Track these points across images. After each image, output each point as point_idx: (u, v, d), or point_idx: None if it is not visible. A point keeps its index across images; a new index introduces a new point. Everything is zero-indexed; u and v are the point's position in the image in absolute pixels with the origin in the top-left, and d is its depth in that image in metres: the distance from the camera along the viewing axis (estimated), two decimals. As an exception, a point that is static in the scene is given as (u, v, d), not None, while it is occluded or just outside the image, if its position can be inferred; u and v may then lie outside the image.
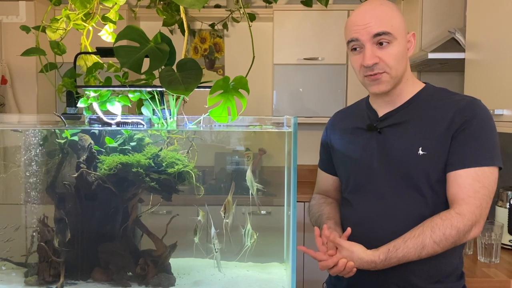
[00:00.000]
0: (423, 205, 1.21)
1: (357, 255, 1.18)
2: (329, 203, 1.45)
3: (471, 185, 1.16)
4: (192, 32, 3.53)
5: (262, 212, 1.92)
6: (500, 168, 1.19)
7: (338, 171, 1.43)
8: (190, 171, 1.33)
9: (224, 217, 1.36)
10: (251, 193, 1.44)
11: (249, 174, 1.45)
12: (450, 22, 2.53)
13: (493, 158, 1.18)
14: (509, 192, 1.82)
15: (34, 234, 1.36)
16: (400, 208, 1.23)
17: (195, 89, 1.23)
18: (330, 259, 1.19)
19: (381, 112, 1.31)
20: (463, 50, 2.06)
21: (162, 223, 1.41)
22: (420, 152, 1.20)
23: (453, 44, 2.14)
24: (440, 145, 1.19)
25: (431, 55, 2.11)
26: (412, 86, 1.29)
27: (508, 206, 1.81)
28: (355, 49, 1.24)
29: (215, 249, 1.35)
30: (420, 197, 1.21)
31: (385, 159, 1.26)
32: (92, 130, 1.37)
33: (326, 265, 1.19)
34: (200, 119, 1.33)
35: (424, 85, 1.31)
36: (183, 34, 2.98)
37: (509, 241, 1.82)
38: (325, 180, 1.50)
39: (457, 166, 1.17)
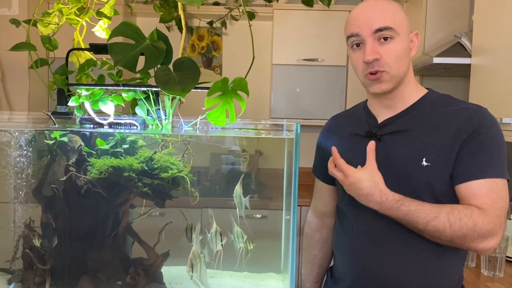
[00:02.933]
0: None
1: (379, 176, 1.13)
2: (311, 259, 1.49)
3: (486, 195, 1.09)
4: (190, 30, 3.47)
5: (257, 216, 1.87)
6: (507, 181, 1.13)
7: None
8: (185, 177, 1.27)
9: (191, 276, 1.25)
10: (238, 211, 1.35)
11: (238, 190, 1.36)
12: (454, 26, 2.48)
13: (503, 171, 1.12)
14: (514, 203, 1.77)
15: (20, 239, 1.29)
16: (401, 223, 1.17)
17: (192, 90, 1.17)
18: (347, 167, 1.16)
19: (380, 118, 1.24)
20: (469, 55, 2.01)
21: (154, 226, 1.35)
22: (424, 163, 1.13)
23: (458, 48, 2.09)
24: (445, 156, 1.13)
25: (436, 60, 2.05)
26: (415, 91, 1.23)
27: (512, 218, 1.76)
28: (355, 45, 1.18)
29: (191, 275, 1.25)
30: None
31: (385, 168, 1.18)
32: (83, 131, 1.31)
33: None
34: (197, 122, 1.27)
35: (426, 90, 1.25)
36: (181, 31, 2.92)
37: (513, 253, 1.77)
38: (322, 190, 1.44)
39: (468, 177, 1.11)
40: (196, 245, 1.25)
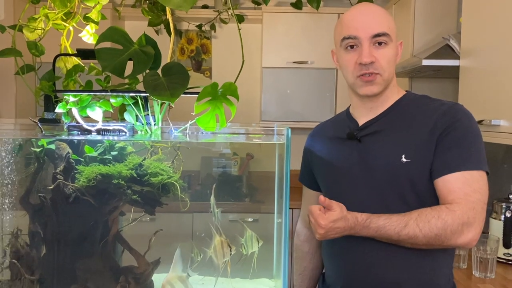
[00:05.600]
0: None
1: (345, 208, 1.12)
2: (301, 271, 1.49)
3: (461, 189, 1.11)
4: (179, 33, 3.45)
5: (249, 219, 1.86)
6: (487, 173, 1.15)
7: (319, 183, 1.38)
8: (175, 183, 1.25)
9: None
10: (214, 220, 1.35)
11: (212, 200, 1.36)
12: (442, 27, 2.49)
13: (480, 163, 1.13)
14: (504, 204, 1.78)
15: (6, 248, 1.27)
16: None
17: (182, 95, 1.16)
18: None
19: (361, 121, 1.28)
20: (457, 57, 2.02)
21: (144, 232, 1.33)
22: (404, 159, 1.16)
23: (447, 50, 2.10)
24: (424, 152, 1.15)
25: (426, 62, 2.06)
26: (395, 94, 1.27)
27: (502, 219, 1.77)
28: (349, 47, 1.21)
29: None
30: (406, 207, 1.16)
31: (367, 168, 1.21)
32: (71, 139, 1.29)
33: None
34: (186, 127, 1.26)
35: (405, 92, 1.29)
36: (169, 35, 2.90)
37: (504, 254, 1.78)
38: (310, 198, 1.46)
39: (443, 172, 1.13)
40: (174, 270, 1.24)
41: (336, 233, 1.12)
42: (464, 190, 1.10)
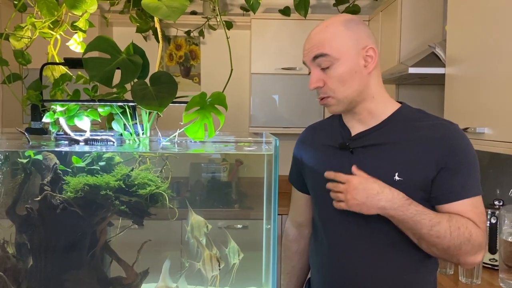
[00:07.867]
0: (399, 228, 1.16)
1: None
2: (289, 270, 1.50)
3: (471, 211, 1.14)
4: (167, 39, 3.45)
5: (238, 226, 1.86)
6: None
7: (308, 188, 1.38)
8: (164, 193, 1.25)
9: None
10: (206, 235, 1.37)
11: (196, 218, 1.39)
12: (428, 35, 2.52)
13: (479, 188, 1.17)
14: (489, 210, 1.80)
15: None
16: (376, 232, 1.18)
17: (170, 104, 1.16)
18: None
19: (354, 131, 1.25)
20: (443, 65, 2.04)
21: (133, 240, 1.32)
22: (397, 177, 1.15)
23: (433, 58, 2.12)
24: (418, 172, 1.15)
25: (412, 70, 2.08)
26: (384, 105, 1.23)
27: (488, 224, 1.79)
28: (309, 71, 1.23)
29: None
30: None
31: None
32: (58, 150, 1.28)
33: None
34: (175, 135, 1.26)
35: (399, 105, 1.25)
36: (158, 41, 2.90)
37: (489, 260, 1.80)
38: (298, 199, 1.45)
39: (450, 198, 1.14)
40: (163, 281, 1.24)
41: (368, 195, 1.08)
42: (474, 212, 1.14)
